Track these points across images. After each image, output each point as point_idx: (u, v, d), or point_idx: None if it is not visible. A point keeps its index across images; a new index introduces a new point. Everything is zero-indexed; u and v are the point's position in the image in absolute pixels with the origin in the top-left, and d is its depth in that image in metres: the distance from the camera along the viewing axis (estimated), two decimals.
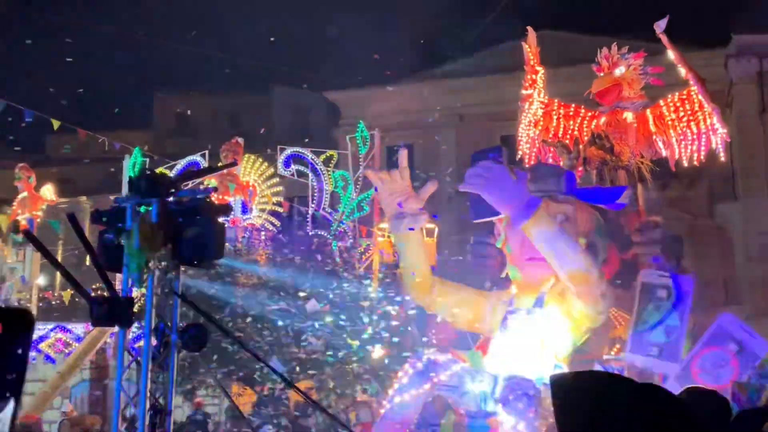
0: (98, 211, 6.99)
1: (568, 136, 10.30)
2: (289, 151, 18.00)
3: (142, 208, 6.76)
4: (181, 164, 17.72)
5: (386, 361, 13.98)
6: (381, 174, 8.28)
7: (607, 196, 8.83)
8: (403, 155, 8.23)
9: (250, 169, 17.65)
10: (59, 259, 14.12)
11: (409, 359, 8.61)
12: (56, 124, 16.70)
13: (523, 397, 7.00)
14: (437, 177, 10.94)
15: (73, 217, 6.92)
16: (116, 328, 7.37)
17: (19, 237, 17.33)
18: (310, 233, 16.97)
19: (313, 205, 17.85)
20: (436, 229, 15.83)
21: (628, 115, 9.96)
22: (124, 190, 16.72)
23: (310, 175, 17.93)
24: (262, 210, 17.69)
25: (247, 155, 17.65)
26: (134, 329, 9.73)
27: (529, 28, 10.45)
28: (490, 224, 8.75)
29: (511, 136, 11.60)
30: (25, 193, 18.16)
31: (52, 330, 18.14)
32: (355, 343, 13.75)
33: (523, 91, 10.30)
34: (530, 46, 10.32)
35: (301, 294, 14.00)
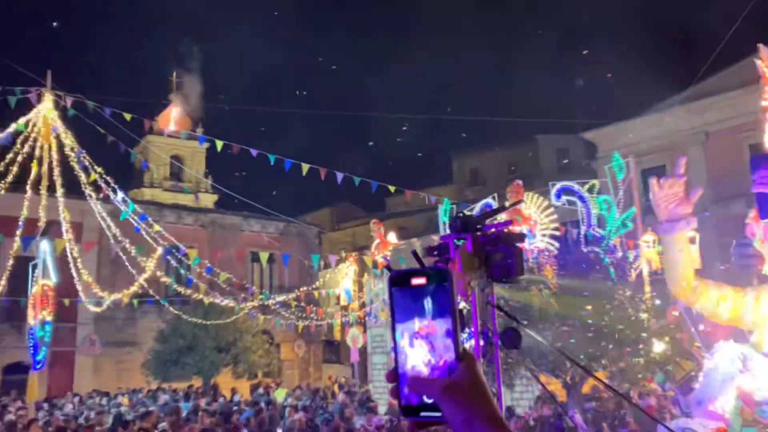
0: (431, 247, 7.81)
1: None
2: (558, 185, 18.18)
3: (460, 242, 7.45)
4: (477, 207, 18.67)
5: (669, 353, 13.40)
6: (661, 181, 7.28)
7: None
8: (682, 163, 7.25)
9: (530, 204, 18.02)
10: None
11: (717, 349, 7.85)
12: (392, 188, 18.80)
13: None
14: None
15: (415, 253, 7.70)
16: None
17: (379, 271, 19.40)
18: (585, 250, 16.86)
19: (584, 227, 17.73)
20: (697, 237, 14.90)
21: None
22: (441, 230, 18.12)
23: (578, 202, 17.95)
24: (543, 235, 17.93)
25: (526, 192, 18.11)
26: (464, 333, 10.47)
27: (759, 45, 9.55)
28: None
29: (758, 144, 10.65)
30: (377, 240, 20.86)
31: None
32: (640, 335, 13.33)
33: (763, 102, 9.45)
34: (763, 60, 9.44)
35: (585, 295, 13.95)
